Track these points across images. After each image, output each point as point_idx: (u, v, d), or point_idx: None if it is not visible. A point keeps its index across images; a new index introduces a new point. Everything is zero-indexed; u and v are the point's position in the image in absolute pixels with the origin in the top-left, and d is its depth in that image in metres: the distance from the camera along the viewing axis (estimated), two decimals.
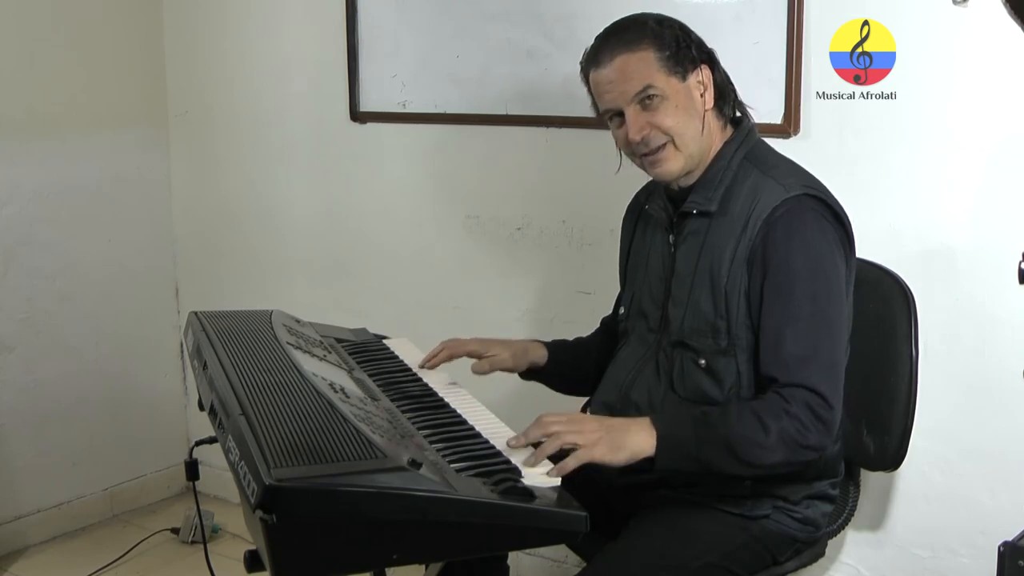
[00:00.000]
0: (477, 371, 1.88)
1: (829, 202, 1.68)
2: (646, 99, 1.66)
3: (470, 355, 1.92)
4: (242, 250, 3.24)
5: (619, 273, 1.97)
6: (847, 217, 1.70)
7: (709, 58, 1.72)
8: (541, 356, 1.96)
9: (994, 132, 2.00)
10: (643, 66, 1.66)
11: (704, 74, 1.70)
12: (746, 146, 1.74)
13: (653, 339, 1.79)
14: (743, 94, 1.79)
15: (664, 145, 1.69)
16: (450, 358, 1.92)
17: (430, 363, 1.91)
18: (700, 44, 1.72)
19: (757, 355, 1.65)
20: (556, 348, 1.99)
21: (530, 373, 1.97)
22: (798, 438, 1.56)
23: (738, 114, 1.78)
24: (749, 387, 1.67)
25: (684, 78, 1.68)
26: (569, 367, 1.99)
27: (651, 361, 1.78)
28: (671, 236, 1.78)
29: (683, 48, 1.68)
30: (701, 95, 1.70)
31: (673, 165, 1.70)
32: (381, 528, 1.27)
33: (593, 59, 1.71)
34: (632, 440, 1.55)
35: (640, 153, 1.71)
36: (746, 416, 1.57)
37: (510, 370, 1.93)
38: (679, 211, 1.76)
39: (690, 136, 1.69)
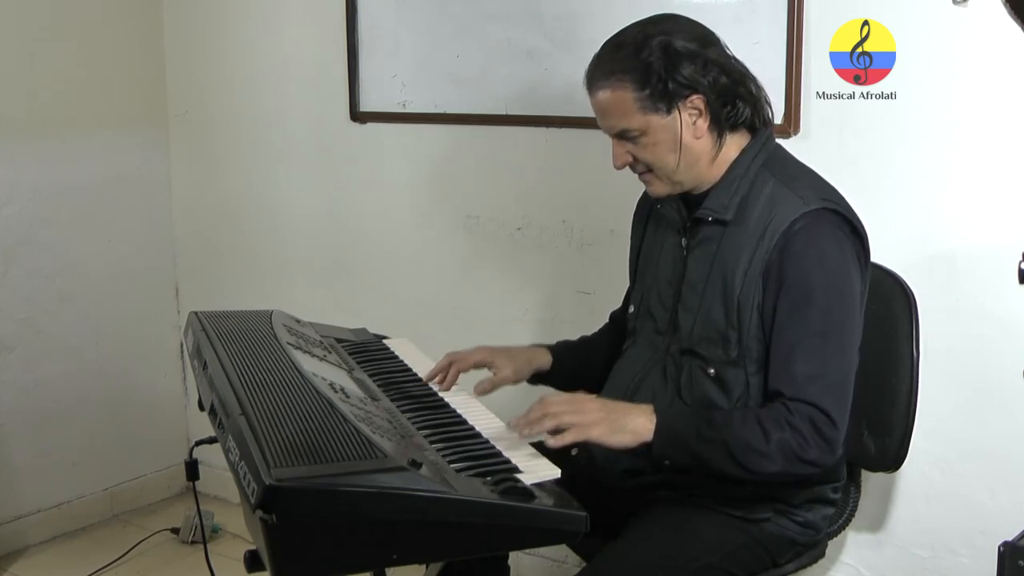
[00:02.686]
0: (480, 392, 1.83)
1: (847, 215, 1.65)
2: (624, 136, 1.67)
3: (477, 366, 1.90)
4: (242, 250, 3.24)
5: (629, 269, 1.96)
6: (864, 229, 1.68)
7: (695, 88, 1.62)
8: (545, 363, 1.95)
9: (994, 132, 2.00)
10: (619, 106, 1.65)
11: (696, 102, 1.64)
12: (764, 153, 1.71)
13: (661, 343, 1.78)
14: None
15: (646, 171, 1.71)
16: (458, 374, 1.88)
17: (443, 386, 1.86)
18: (686, 76, 1.61)
19: (767, 367, 1.65)
20: (561, 352, 1.97)
21: (536, 378, 1.96)
22: (798, 451, 1.56)
23: (751, 115, 1.72)
24: (757, 398, 1.67)
25: (668, 112, 1.64)
26: (574, 370, 1.98)
27: (658, 365, 1.77)
28: (683, 240, 1.76)
29: (667, 81, 1.62)
30: (693, 123, 1.65)
31: (659, 189, 1.73)
32: (381, 528, 1.28)
33: (586, 81, 1.70)
34: (632, 423, 1.56)
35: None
36: (749, 421, 1.57)
37: (514, 383, 1.91)
38: (693, 216, 1.74)
39: (670, 169, 1.68)
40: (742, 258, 1.65)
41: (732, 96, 1.68)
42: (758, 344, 1.65)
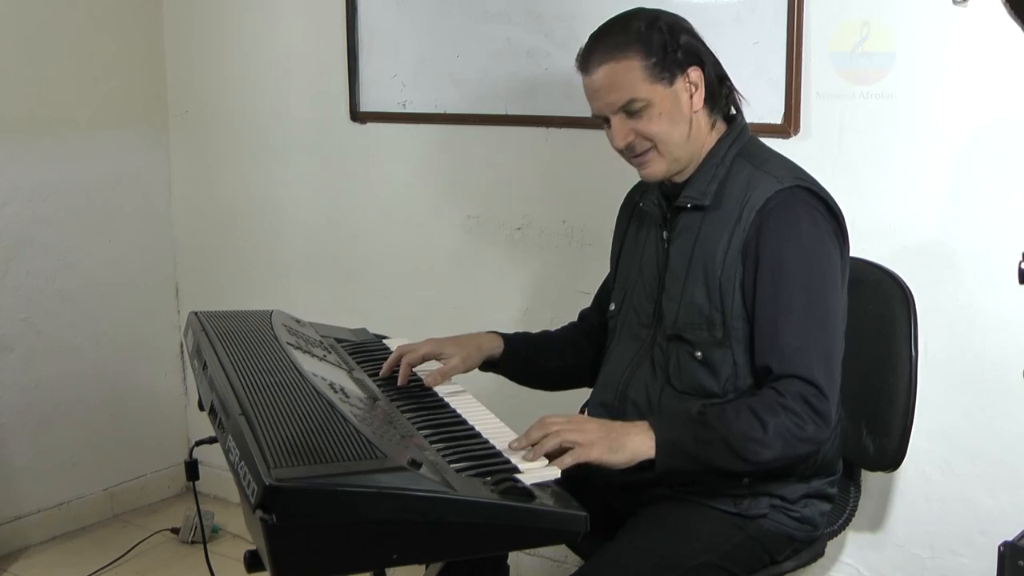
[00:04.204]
0: (431, 383, 1.81)
1: (821, 195, 1.69)
2: (630, 108, 1.68)
3: (425, 358, 1.87)
4: (242, 250, 3.24)
5: (610, 267, 1.97)
6: (839, 210, 1.71)
7: (698, 59, 1.71)
8: (497, 349, 1.93)
9: (994, 132, 2.00)
10: (628, 76, 1.67)
11: (693, 75, 1.70)
12: (739, 142, 1.75)
13: (647, 335, 1.79)
14: (743, 94, 1.80)
15: (648, 150, 1.71)
16: (409, 367, 1.85)
17: (399, 382, 1.83)
18: (689, 46, 1.71)
19: (753, 346, 1.66)
20: (514, 341, 1.96)
21: (487, 365, 1.94)
22: (795, 431, 1.57)
23: (732, 111, 1.78)
24: (745, 378, 1.68)
25: (671, 83, 1.69)
26: (526, 361, 1.97)
27: (646, 357, 1.78)
28: (664, 232, 1.79)
29: (670, 53, 1.68)
30: (690, 96, 1.71)
31: (657, 168, 1.73)
32: (381, 528, 1.27)
33: (582, 64, 1.73)
34: (631, 442, 1.56)
35: (627, 156, 1.75)
36: (743, 414, 1.58)
37: (464, 372, 1.89)
38: (673, 206, 1.77)
39: (674, 142, 1.71)
40: (721, 240, 1.68)
41: (720, 76, 1.75)
42: (743, 323, 1.67)
